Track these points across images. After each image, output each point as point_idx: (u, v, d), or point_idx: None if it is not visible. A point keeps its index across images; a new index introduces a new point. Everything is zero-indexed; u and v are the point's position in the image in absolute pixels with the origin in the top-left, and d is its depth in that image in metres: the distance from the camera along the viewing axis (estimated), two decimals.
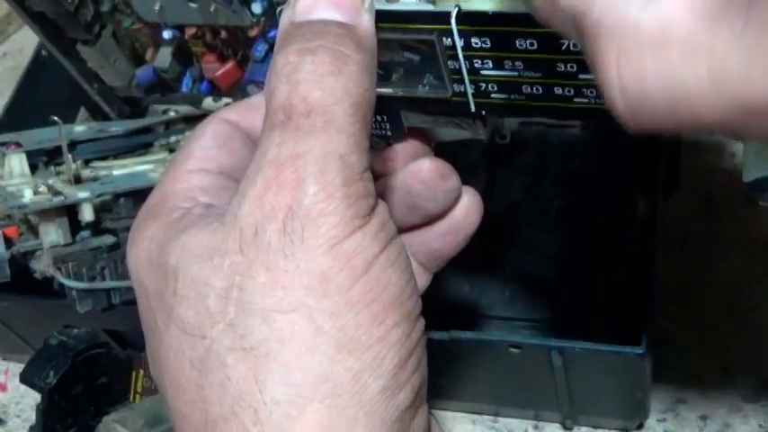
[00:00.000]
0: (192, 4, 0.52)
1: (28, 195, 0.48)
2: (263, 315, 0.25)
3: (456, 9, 0.29)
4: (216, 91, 0.61)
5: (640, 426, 0.53)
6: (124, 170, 0.55)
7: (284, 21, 0.28)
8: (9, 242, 0.49)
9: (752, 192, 0.32)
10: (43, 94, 0.67)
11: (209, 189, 0.30)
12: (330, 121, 0.26)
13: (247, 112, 0.33)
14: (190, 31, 0.56)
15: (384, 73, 0.32)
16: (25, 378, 0.48)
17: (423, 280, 0.35)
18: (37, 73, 0.67)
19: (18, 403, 0.63)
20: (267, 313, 0.25)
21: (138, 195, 0.51)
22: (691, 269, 0.59)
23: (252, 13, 0.52)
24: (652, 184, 0.52)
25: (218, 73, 0.58)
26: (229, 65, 0.58)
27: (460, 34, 0.29)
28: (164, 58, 0.59)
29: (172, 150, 0.60)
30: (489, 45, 0.30)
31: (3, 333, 0.60)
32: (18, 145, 0.56)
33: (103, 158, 0.58)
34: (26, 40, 0.80)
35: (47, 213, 0.48)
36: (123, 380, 0.49)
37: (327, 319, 0.25)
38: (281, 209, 0.25)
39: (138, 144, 0.60)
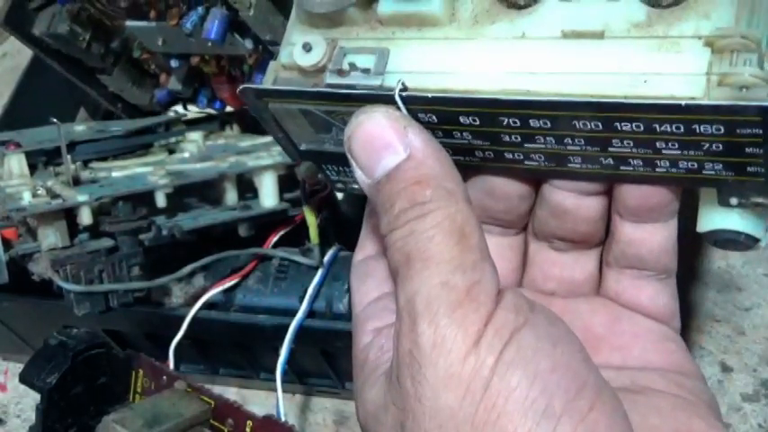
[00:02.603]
0: (190, 39, 0.53)
1: (27, 198, 0.48)
2: None
3: (399, 87, 0.30)
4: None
5: None
6: (123, 172, 0.55)
7: (362, 181, 0.30)
8: (7, 244, 0.49)
9: (707, 240, 0.32)
10: (43, 94, 0.67)
11: (380, 314, 0.33)
12: (428, 259, 0.28)
13: (369, 243, 0.36)
14: (194, 59, 0.58)
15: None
16: (25, 378, 0.48)
17: (661, 234, 0.33)
18: (37, 73, 0.68)
19: (18, 403, 0.63)
20: None
21: (137, 198, 0.51)
22: (690, 269, 0.59)
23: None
24: None
25: (226, 95, 0.59)
26: (234, 87, 0.59)
27: (408, 110, 0.30)
28: (175, 83, 0.61)
29: (171, 151, 0.60)
30: (436, 120, 0.31)
31: (3, 333, 0.60)
32: (17, 145, 0.56)
33: (103, 159, 0.58)
34: None
35: (45, 216, 0.48)
36: (123, 380, 0.49)
37: None
38: (407, 354, 0.27)
39: (137, 144, 0.60)
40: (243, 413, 0.43)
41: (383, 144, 0.29)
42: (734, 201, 0.30)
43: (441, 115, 0.30)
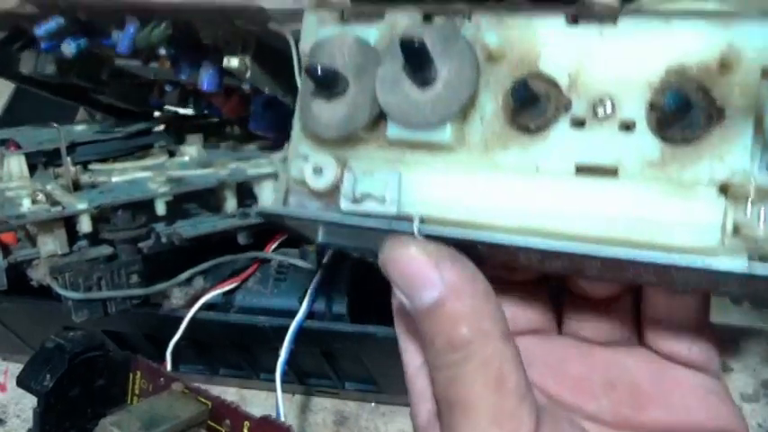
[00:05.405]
0: None
1: (26, 204, 0.48)
2: None
3: (418, 222, 0.30)
4: None
5: None
6: (123, 176, 0.54)
7: (404, 302, 0.30)
8: (6, 250, 0.49)
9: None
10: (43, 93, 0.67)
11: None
12: (467, 408, 0.29)
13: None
14: None
15: None
16: (22, 381, 0.48)
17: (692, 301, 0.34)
18: None
19: (17, 403, 0.63)
20: None
21: (136, 206, 0.50)
22: None
23: None
24: None
25: (224, 108, 0.59)
26: (233, 100, 0.58)
27: None
28: (171, 99, 0.60)
29: (171, 153, 0.60)
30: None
31: (2, 334, 0.60)
32: (17, 147, 0.56)
33: (103, 160, 0.58)
34: None
35: (45, 223, 0.47)
36: (120, 382, 0.49)
37: None
38: None
39: (137, 146, 0.60)
40: (240, 414, 0.43)
41: (420, 279, 0.29)
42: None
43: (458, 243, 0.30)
